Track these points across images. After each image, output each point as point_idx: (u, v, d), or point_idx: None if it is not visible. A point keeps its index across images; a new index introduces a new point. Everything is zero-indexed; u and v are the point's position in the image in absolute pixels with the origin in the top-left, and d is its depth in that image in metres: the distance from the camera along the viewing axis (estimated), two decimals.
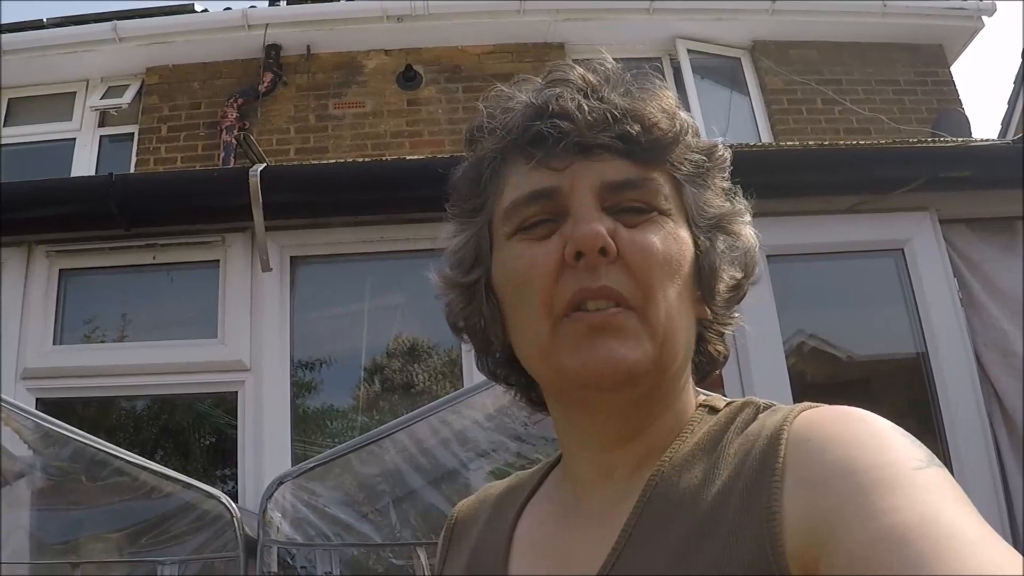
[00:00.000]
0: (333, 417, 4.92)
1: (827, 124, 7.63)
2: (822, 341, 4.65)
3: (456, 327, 1.11)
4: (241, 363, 4.34)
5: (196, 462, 4.83)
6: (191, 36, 7.69)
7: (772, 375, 4.11)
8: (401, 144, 7.38)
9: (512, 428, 3.62)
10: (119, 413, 4.94)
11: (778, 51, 7.97)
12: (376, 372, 4.98)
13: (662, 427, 0.99)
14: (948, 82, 8.12)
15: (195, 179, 5.16)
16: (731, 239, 1.04)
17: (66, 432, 3.65)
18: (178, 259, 4.62)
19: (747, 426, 0.92)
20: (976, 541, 0.67)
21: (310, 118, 7.60)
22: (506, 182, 1.02)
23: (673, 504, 0.89)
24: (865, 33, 8.03)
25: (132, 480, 3.68)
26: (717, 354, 1.10)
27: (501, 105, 1.06)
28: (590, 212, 0.94)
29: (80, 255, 4.60)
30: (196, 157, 7.36)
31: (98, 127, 7.83)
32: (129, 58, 7.78)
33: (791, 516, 0.77)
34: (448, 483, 3.75)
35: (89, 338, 4.73)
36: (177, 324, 4.73)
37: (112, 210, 4.30)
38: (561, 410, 1.06)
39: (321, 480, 3.68)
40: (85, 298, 4.75)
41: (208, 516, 3.58)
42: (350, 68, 7.81)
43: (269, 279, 4.42)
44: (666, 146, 0.99)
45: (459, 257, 1.08)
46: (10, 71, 7.73)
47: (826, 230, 4.53)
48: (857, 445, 0.78)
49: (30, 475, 3.83)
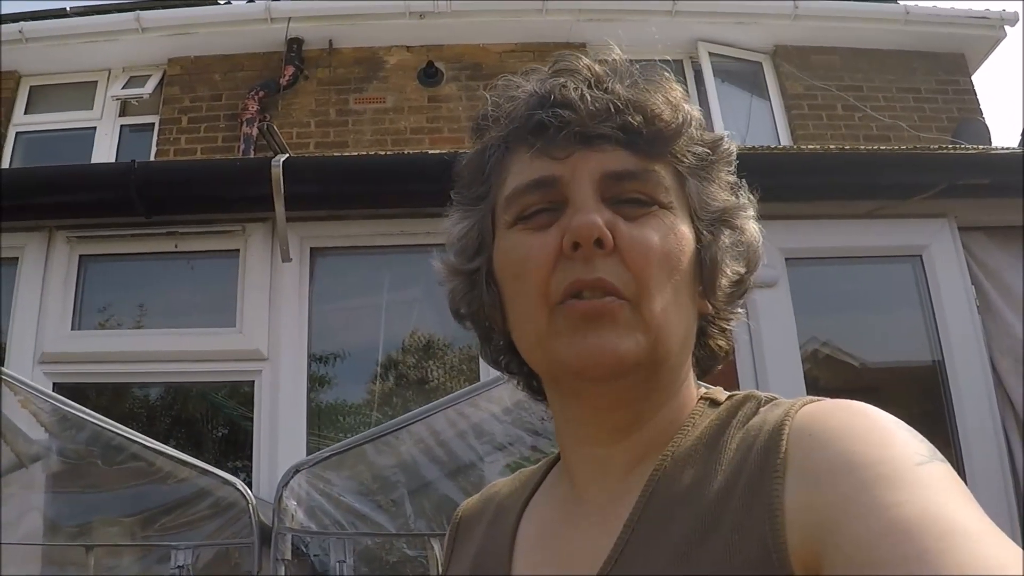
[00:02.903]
0: (347, 412, 4.93)
1: (847, 130, 7.60)
2: (836, 348, 4.64)
3: (458, 314, 1.12)
4: (259, 352, 4.36)
5: (208, 452, 4.85)
6: (214, 28, 7.71)
7: (788, 377, 4.11)
8: (421, 140, 7.37)
9: (529, 422, 3.62)
10: (132, 401, 4.96)
11: (799, 56, 7.95)
12: (391, 367, 4.99)
13: (662, 421, 0.99)
14: (969, 91, 8.08)
15: (217, 168, 5.18)
16: (735, 233, 1.03)
17: (84, 415, 3.66)
18: (198, 248, 4.65)
19: (749, 420, 0.92)
20: (979, 536, 0.67)
21: (331, 112, 7.60)
22: (508, 171, 1.02)
23: (675, 500, 0.88)
24: (887, 40, 8.00)
25: (148, 465, 3.70)
26: (719, 349, 1.09)
27: (507, 94, 1.06)
28: (589, 203, 0.94)
29: (100, 241, 4.63)
30: (216, 149, 7.37)
31: (119, 116, 7.84)
32: (151, 48, 7.79)
33: (793, 511, 0.77)
34: (464, 476, 3.75)
35: (107, 324, 4.75)
36: (196, 312, 4.75)
37: (133, 197, 4.33)
38: (559, 402, 1.05)
39: (337, 469, 3.68)
40: (104, 284, 4.77)
41: (223, 503, 3.60)
42: (371, 63, 7.82)
43: (288, 269, 4.44)
44: (668, 138, 0.99)
45: (462, 245, 1.08)
46: (32, 59, 7.77)
47: (845, 234, 4.53)
48: (860, 440, 0.78)
49: (46, 458, 3.84)
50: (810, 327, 4.44)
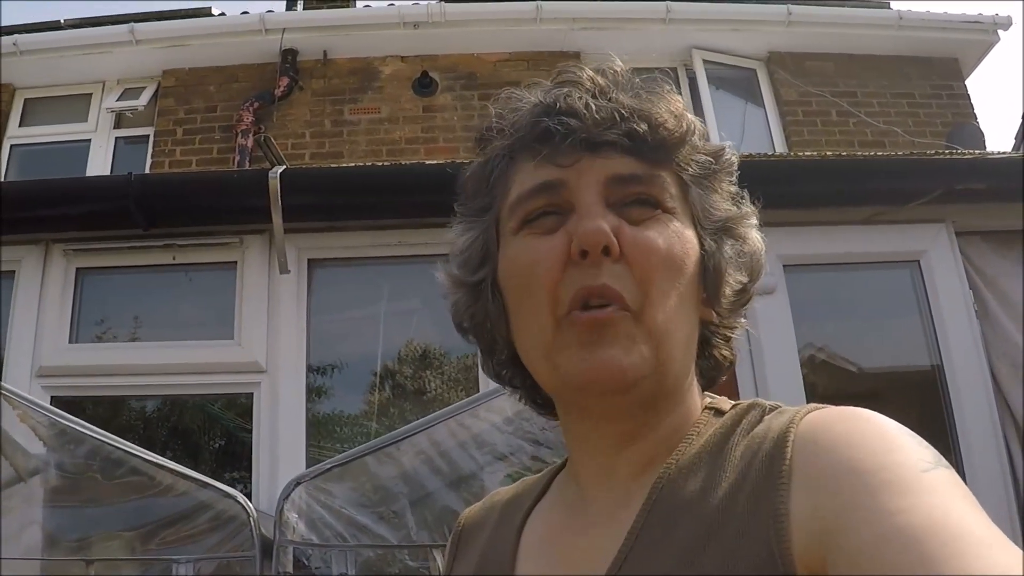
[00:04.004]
0: (345, 423, 4.92)
1: (842, 136, 7.63)
2: (834, 354, 4.64)
3: (461, 327, 1.11)
4: (257, 364, 4.36)
5: (206, 464, 4.83)
6: (208, 39, 7.72)
7: (788, 384, 4.11)
8: (416, 150, 7.39)
9: (530, 432, 3.62)
10: (129, 414, 4.95)
11: (794, 63, 7.97)
12: (389, 378, 4.98)
13: (667, 429, 0.98)
14: (963, 95, 8.12)
15: (214, 180, 5.17)
16: (738, 243, 1.04)
17: (83, 429, 3.66)
18: (195, 260, 4.64)
19: (753, 428, 0.92)
20: (985, 543, 0.67)
21: (326, 123, 7.61)
22: (513, 180, 1.02)
23: (679, 507, 0.88)
24: (881, 46, 8.03)
25: (148, 479, 3.69)
26: (723, 359, 1.09)
27: (510, 106, 1.07)
28: (595, 207, 0.94)
29: (97, 254, 4.62)
30: (211, 160, 7.38)
31: (113, 129, 7.86)
32: (145, 60, 7.81)
33: (798, 517, 0.77)
34: (465, 486, 3.75)
35: (105, 337, 4.74)
36: (194, 325, 4.74)
37: (131, 209, 4.32)
38: (565, 413, 1.05)
39: (338, 481, 3.68)
40: (102, 297, 4.76)
41: (224, 516, 3.59)
42: (366, 73, 7.83)
43: (286, 281, 4.43)
44: (673, 145, 1.00)
45: (466, 256, 1.08)
46: (27, 71, 7.78)
47: (842, 241, 4.54)
48: (864, 446, 0.78)
49: (45, 472, 3.83)
50: (808, 333, 4.44)
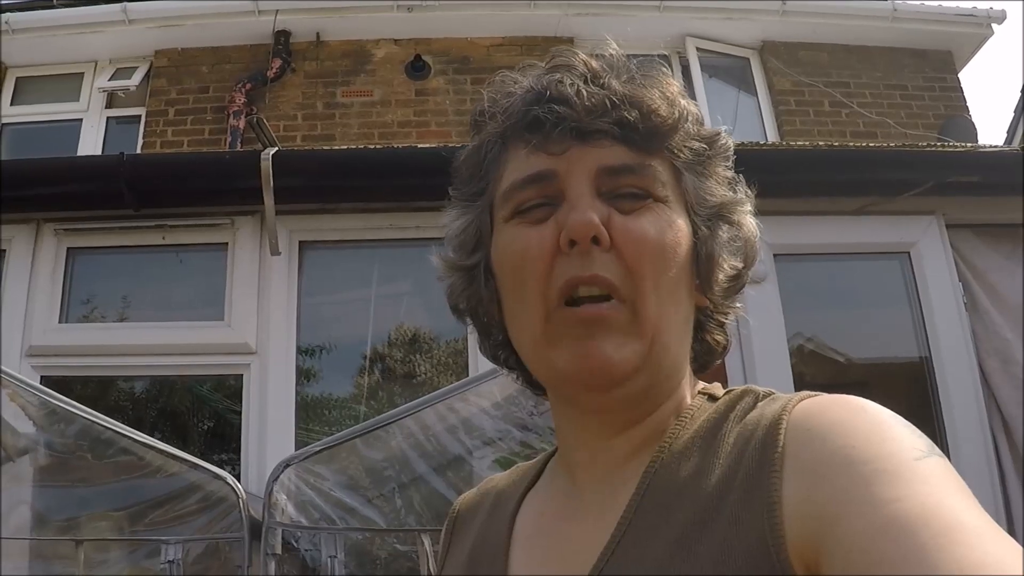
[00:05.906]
0: (334, 406, 4.92)
1: (834, 127, 7.62)
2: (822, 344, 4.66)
3: (457, 309, 1.12)
4: (247, 346, 4.36)
5: (195, 445, 4.83)
6: (201, 20, 7.66)
7: (776, 372, 4.12)
8: (408, 134, 7.35)
9: (519, 417, 3.62)
10: (118, 394, 4.94)
11: (787, 52, 7.96)
12: (379, 361, 4.98)
13: (660, 415, 0.99)
14: (956, 88, 8.11)
15: (206, 161, 5.16)
16: (732, 228, 1.04)
17: (73, 409, 3.65)
18: (186, 240, 4.63)
19: (747, 414, 0.92)
20: (977, 532, 0.67)
21: (318, 105, 7.57)
22: (505, 166, 1.03)
23: (672, 493, 0.88)
24: (874, 37, 8.02)
25: (137, 459, 3.69)
26: (716, 344, 1.09)
27: (503, 90, 1.07)
28: (585, 198, 0.94)
29: (88, 234, 4.61)
30: (203, 141, 7.33)
31: (105, 108, 7.79)
32: (138, 40, 7.74)
33: (791, 506, 0.77)
34: (454, 470, 3.75)
35: (95, 317, 4.73)
36: (184, 306, 4.74)
37: (122, 190, 4.31)
38: (555, 401, 1.06)
39: (327, 463, 3.68)
40: (92, 277, 4.75)
41: (213, 497, 3.59)
42: (359, 56, 7.79)
43: (277, 263, 4.43)
44: (664, 133, 0.99)
45: (460, 240, 1.09)
46: (19, 50, 7.71)
47: (833, 231, 4.54)
48: (858, 435, 0.78)
49: (34, 451, 3.83)
50: (797, 322, 4.45)
